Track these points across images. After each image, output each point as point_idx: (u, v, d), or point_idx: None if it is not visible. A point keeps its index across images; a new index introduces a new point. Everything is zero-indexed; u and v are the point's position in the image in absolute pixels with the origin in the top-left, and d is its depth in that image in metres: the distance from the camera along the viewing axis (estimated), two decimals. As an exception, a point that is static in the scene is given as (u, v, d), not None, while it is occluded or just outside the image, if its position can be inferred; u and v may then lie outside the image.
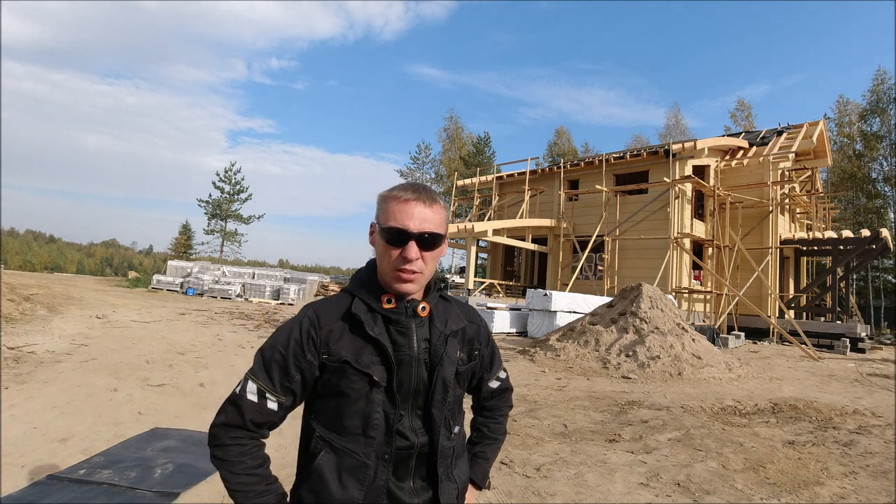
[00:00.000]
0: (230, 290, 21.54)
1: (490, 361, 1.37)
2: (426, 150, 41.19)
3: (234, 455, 1.08)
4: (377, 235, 1.15)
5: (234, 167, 38.24)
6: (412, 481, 1.15)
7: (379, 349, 1.12)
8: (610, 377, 7.98)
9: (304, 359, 1.11)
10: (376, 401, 1.11)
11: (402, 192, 1.13)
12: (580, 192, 19.34)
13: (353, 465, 1.10)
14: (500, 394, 1.43)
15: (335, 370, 1.11)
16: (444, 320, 1.21)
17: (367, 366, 1.10)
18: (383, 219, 1.13)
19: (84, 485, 3.07)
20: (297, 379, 1.12)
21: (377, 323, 1.13)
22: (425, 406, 1.16)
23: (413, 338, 1.16)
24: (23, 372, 5.77)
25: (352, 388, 1.10)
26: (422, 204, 1.12)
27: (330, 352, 1.11)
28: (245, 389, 1.11)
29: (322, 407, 1.15)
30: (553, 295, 12.52)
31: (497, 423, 1.43)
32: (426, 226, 1.11)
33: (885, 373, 10.19)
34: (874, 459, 4.28)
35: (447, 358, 1.18)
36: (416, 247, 1.10)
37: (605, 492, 3.38)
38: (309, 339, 1.11)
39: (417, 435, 1.15)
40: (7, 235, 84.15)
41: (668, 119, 45.74)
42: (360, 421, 1.10)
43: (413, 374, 1.14)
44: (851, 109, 32.27)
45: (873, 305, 27.13)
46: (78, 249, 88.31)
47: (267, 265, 39.50)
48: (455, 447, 1.23)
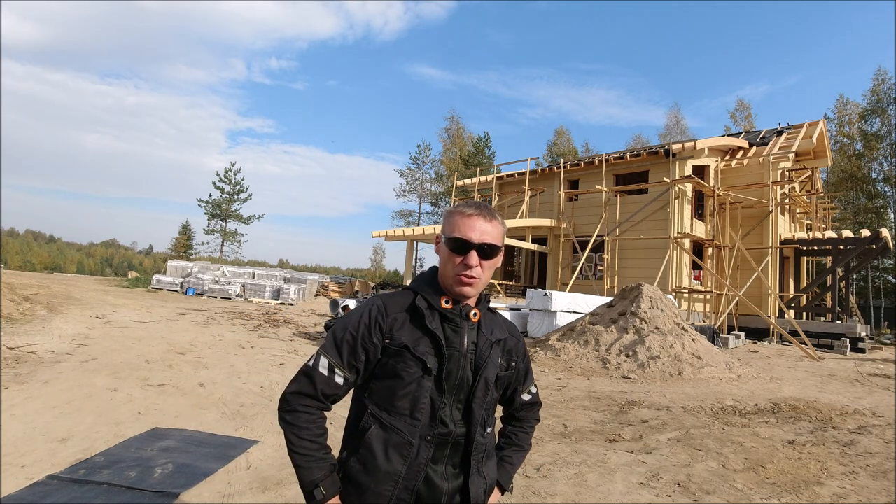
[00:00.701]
0: (230, 290, 21.53)
1: (525, 375, 1.50)
2: (426, 150, 41.21)
3: (303, 421, 1.22)
4: (443, 245, 1.30)
5: (234, 167, 38.27)
6: (445, 466, 1.27)
7: (434, 341, 1.26)
8: (610, 377, 7.98)
9: (371, 341, 1.25)
10: (426, 387, 1.24)
11: (466, 208, 1.30)
12: (580, 192, 19.34)
13: (399, 442, 1.22)
14: (530, 406, 1.54)
15: (395, 353, 1.25)
16: (491, 329, 1.36)
17: (423, 353, 1.24)
18: (449, 230, 1.29)
19: (84, 485, 3.07)
20: (363, 358, 1.26)
21: (435, 318, 1.28)
22: (467, 401, 1.29)
23: (464, 337, 1.30)
24: (23, 372, 5.77)
25: (407, 371, 1.24)
26: (483, 219, 1.28)
27: (393, 337, 1.25)
28: (318, 363, 1.26)
29: (377, 387, 1.27)
30: (553, 295, 12.52)
31: (525, 433, 1.53)
32: (486, 238, 1.26)
33: (885, 373, 10.19)
34: (874, 459, 4.28)
35: (490, 362, 1.32)
36: (477, 256, 1.25)
37: (605, 492, 3.38)
38: (376, 325, 1.26)
39: (456, 425, 1.27)
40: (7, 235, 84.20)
41: (668, 119, 45.80)
42: (409, 403, 1.24)
43: (460, 369, 1.28)
44: (851, 109, 32.29)
45: (873, 305, 27.13)
46: (78, 249, 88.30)
47: (267, 265, 39.48)
48: (487, 445, 1.35)
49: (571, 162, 22.14)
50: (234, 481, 3.26)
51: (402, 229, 19.79)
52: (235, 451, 3.79)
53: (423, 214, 41.23)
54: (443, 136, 43.34)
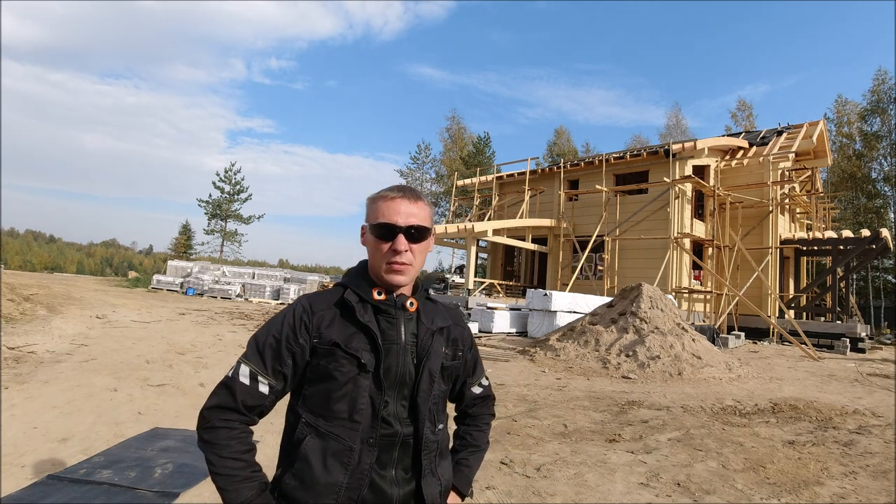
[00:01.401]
0: (230, 290, 21.53)
1: (473, 366, 1.41)
2: (426, 150, 41.22)
3: (223, 438, 1.10)
4: (368, 233, 1.22)
5: (234, 167, 38.31)
6: (394, 470, 1.17)
7: (368, 336, 1.17)
8: (610, 377, 7.98)
9: (297, 342, 1.16)
10: (363, 385, 1.14)
11: (388, 192, 1.23)
12: (580, 192, 19.34)
13: (339, 449, 1.12)
14: (482, 401, 1.45)
15: (325, 353, 1.15)
16: (431, 318, 1.27)
17: (356, 350, 1.15)
18: (373, 217, 1.21)
19: (84, 485, 3.07)
20: (289, 363, 1.16)
21: (367, 311, 1.19)
22: (411, 396, 1.20)
23: (401, 328, 1.21)
24: (23, 372, 5.77)
25: (340, 370, 1.14)
26: (407, 200, 1.20)
27: (321, 336, 1.16)
28: (238, 372, 1.15)
29: (310, 392, 1.18)
30: (553, 295, 12.52)
31: (480, 432, 1.44)
32: (412, 220, 1.19)
33: (885, 373, 10.19)
34: (874, 459, 4.28)
35: (433, 352, 1.23)
36: (405, 239, 1.18)
37: (605, 492, 3.38)
38: (301, 324, 1.17)
39: (402, 424, 1.18)
40: (7, 235, 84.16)
41: (668, 119, 45.81)
42: (347, 405, 1.14)
43: (400, 362, 1.19)
44: (850, 109, 32.29)
45: (873, 305, 27.13)
46: (78, 249, 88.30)
47: (267, 265, 39.52)
48: (439, 442, 1.25)
49: (571, 162, 22.15)
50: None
51: (402, 229, 19.76)
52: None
53: (423, 214, 41.15)
54: (443, 136, 43.47)
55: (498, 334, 12.76)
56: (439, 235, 18.65)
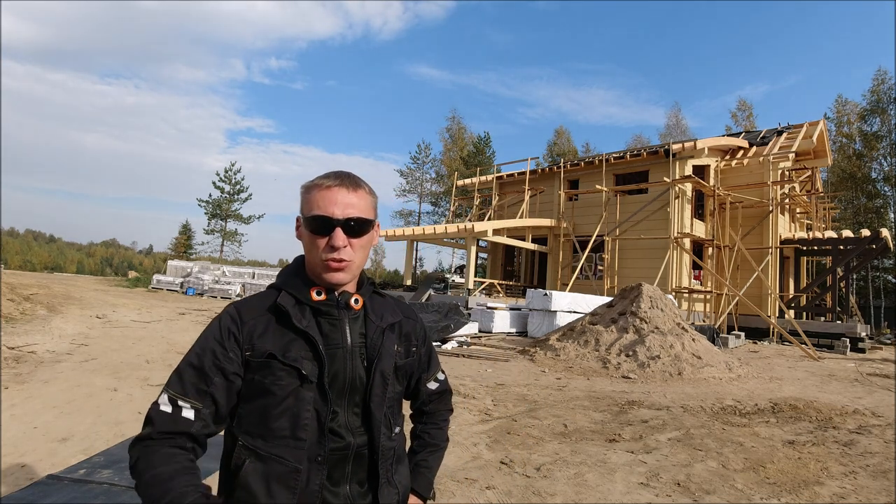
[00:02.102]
0: (230, 289, 21.54)
1: (427, 361, 1.31)
2: (426, 150, 41.23)
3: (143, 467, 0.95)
4: (303, 227, 1.10)
5: (234, 167, 38.33)
6: (349, 486, 1.07)
7: (308, 342, 1.05)
8: (610, 377, 7.98)
9: (226, 356, 1.02)
10: (306, 398, 1.03)
11: (324, 179, 1.09)
12: (580, 191, 19.34)
13: (283, 471, 1.00)
14: (439, 396, 1.35)
15: (260, 366, 1.03)
16: (380, 314, 1.16)
17: (295, 360, 1.03)
18: (307, 209, 1.08)
19: (84, 485, 3.07)
20: (217, 381, 1.02)
21: (305, 315, 1.07)
22: (364, 402, 1.10)
23: (346, 330, 1.10)
24: (23, 372, 5.77)
25: (278, 384, 1.02)
26: (345, 189, 1.08)
27: (254, 347, 1.04)
28: (158, 402, 1.02)
29: (245, 411, 1.05)
30: (553, 295, 12.52)
31: (438, 429, 1.35)
32: (351, 211, 1.06)
33: (885, 373, 10.19)
34: (874, 459, 4.28)
35: (385, 351, 1.13)
36: (343, 234, 1.05)
37: (605, 492, 3.38)
38: (230, 336, 1.04)
39: (354, 434, 1.08)
40: (7, 235, 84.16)
41: (668, 119, 45.80)
42: (289, 421, 1.02)
43: (348, 368, 1.08)
44: (850, 109, 32.31)
45: (873, 305, 27.14)
46: (78, 249, 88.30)
47: (267, 265, 39.45)
48: (395, 448, 1.15)
49: (571, 162, 22.16)
50: (234, 481, 3.26)
51: (402, 229, 19.80)
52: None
53: (423, 214, 41.30)
54: (443, 136, 43.45)
55: (498, 334, 12.77)
56: (439, 235, 18.64)
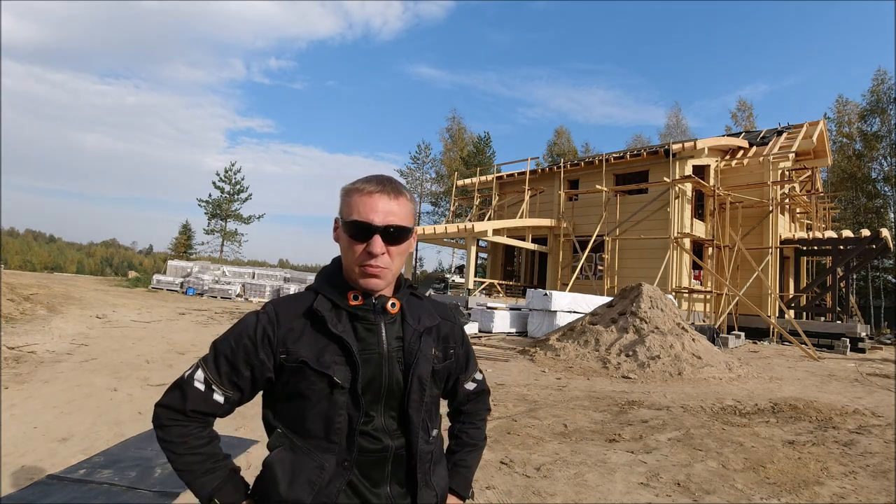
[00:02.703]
0: (230, 289, 21.54)
1: (465, 362, 1.31)
2: (426, 150, 41.24)
3: (176, 435, 1.05)
4: (341, 230, 1.10)
5: (234, 167, 38.33)
6: (389, 487, 1.09)
7: (343, 348, 1.06)
8: (610, 377, 7.98)
9: (256, 357, 1.06)
10: (339, 403, 1.05)
11: (365, 184, 1.09)
12: (580, 191, 19.34)
13: (309, 466, 1.04)
14: (476, 396, 1.36)
15: (293, 370, 1.05)
16: (417, 317, 1.16)
17: (328, 366, 1.04)
18: (346, 213, 1.08)
19: (84, 485, 3.07)
20: (247, 375, 1.07)
21: (341, 320, 1.08)
22: (401, 407, 1.11)
23: (382, 335, 1.10)
24: (23, 372, 5.77)
25: (312, 389, 1.05)
26: (386, 196, 1.07)
27: (288, 351, 1.06)
28: (193, 377, 1.08)
29: (282, 408, 1.10)
30: (553, 295, 12.52)
31: (476, 429, 1.35)
32: (391, 219, 1.06)
33: (885, 373, 10.19)
34: (874, 459, 4.28)
35: (422, 356, 1.13)
36: (381, 241, 1.05)
37: (605, 492, 3.38)
38: (264, 338, 1.06)
39: (392, 437, 1.09)
40: (7, 235, 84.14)
41: (668, 119, 45.83)
42: (322, 424, 1.05)
43: (384, 373, 1.09)
44: (851, 109, 32.31)
45: (873, 305, 27.14)
46: (78, 249, 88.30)
47: (267, 265, 39.48)
48: (433, 451, 1.17)
49: (571, 162, 22.16)
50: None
51: (402, 229, 19.76)
52: (235, 451, 3.79)
53: (423, 214, 41.27)
54: (444, 136, 43.45)
55: (498, 334, 12.77)
56: (439, 235, 18.65)
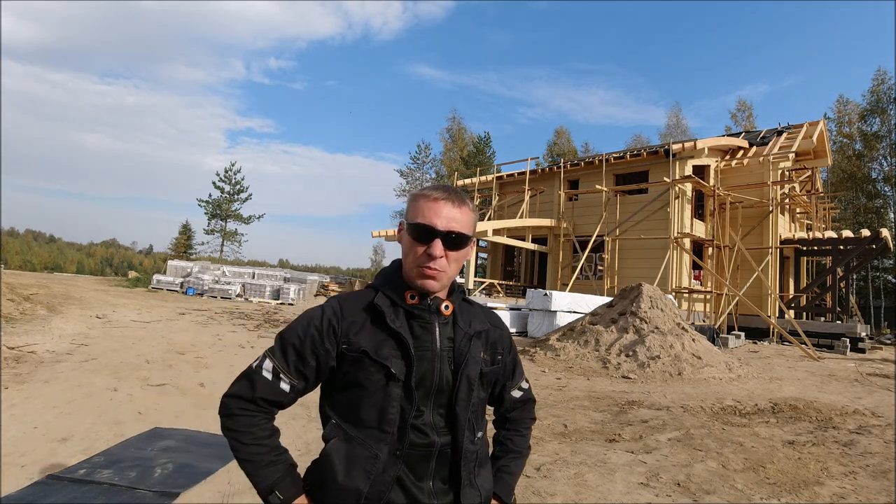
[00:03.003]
0: (230, 289, 21.53)
1: (512, 369, 1.36)
2: (426, 150, 41.23)
3: (244, 425, 1.11)
4: (405, 232, 1.17)
5: (234, 167, 38.30)
6: (431, 482, 1.13)
7: (399, 342, 1.13)
8: (610, 377, 7.98)
9: (322, 346, 1.13)
10: (393, 394, 1.11)
11: (432, 191, 1.17)
12: (580, 191, 19.34)
13: (364, 456, 1.10)
14: (522, 404, 1.40)
15: (353, 360, 1.12)
16: (468, 321, 1.22)
17: (386, 358, 1.11)
18: (411, 216, 1.15)
19: (84, 485, 3.07)
20: (312, 365, 1.14)
21: (399, 317, 1.15)
22: (449, 404, 1.16)
23: (436, 334, 1.16)
24: (23, 372, 5.77)
25: (370, 379, 1.11)
26: (450, 204, 1.14)
27: (350, 342, 1.13)
28: (262, 366, 1.14)
29: (340, 398, 1.16)
30: (553, 295, 12.53)
31: (521, 437, 1.39)
32: (453, 225, 1.13)
33: (885, 373, 10.19)
34: (874, 459, 4.28)
35: (471, 357, 1.18)
36: (441, 245, 1.12)
37: (605, 492, 3.38)
38: (330, 328, 1.13)
39: (438, 434, 1.14)
40: (7, 235, 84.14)
41: (668, 119, 45.82)
42: (377, 414, 1.11)
43: (436, 370, 1.14)
44: (851, 109, 32.31)
45: (873, 305, 27.14)
46: (78, 249, 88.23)
47: (267, 265, 39.43)
48: (478, 452, 1.21)
49: (571, 162, 22.15)
50: (234, 481, 3.26)
51: (402, 229, 19.77)
52: (235, 451, 3.78)
53: (423, 214, 41.20)
54: (444, 136, 43.45)
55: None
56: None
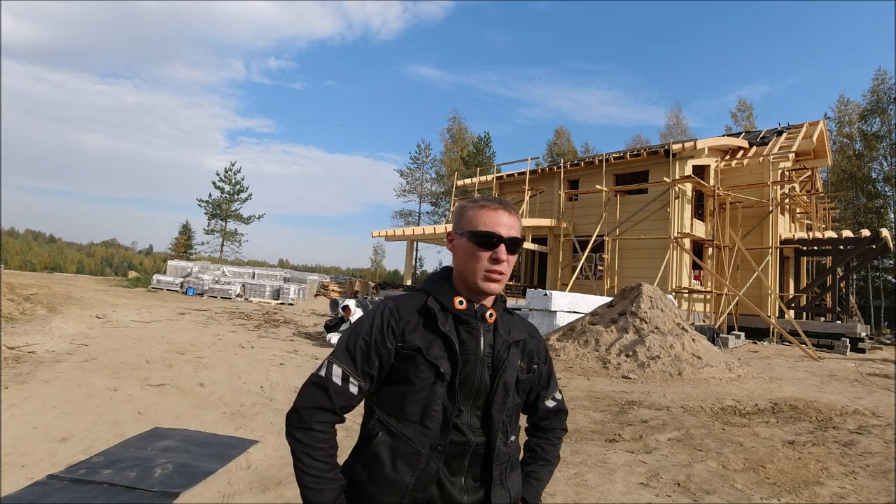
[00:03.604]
0: (230, 289, 21.53)
1: (547, 379, 1.42)
2: (426, 150, 41.23)
3: (319, 441, 1.15)
4: (465, 240, 1.23)
5: (234, 167, 38.29)
6: (464, 479, 1.20)
7: (447, 345, 1.19)
8: (610, 377, 7.98)
9: (384, 345, 1.19)
10: (438, 393, 1.17)
11: (488, 202, 1.26)
12: (580, 192, 19.34)
13: (408, 451, 1.16)
14: (555, 414, 1.45)
15: (406, 357, 1.19)
16: (508, 330, 1.29)
17: (436, 358, 1.18)
18: (472, 224, 1.23)
19: (84, 485, 3.07)
20: (376, 364, 1.20)
21: (448, 320, 1.22)
22: (485, 407, 1.22)
23: (480, 339, 1.23)
24: (23, 372, 5.77)
25: (419, 376, 1.18)
26: (507, 213, 1.24)
27: (405, 340, 1.19)
28: (331, 372, 1.19)
29: (387, 391, 1.22)
30: (553, 295, 12.52)
31: (552, 445, 1.44)
32: (513, 232, 1.23)
33: (885, 373, 10.19)
34: (874, 459, 4.28)
35: (509, 364, 1.25)
36: (506, 250, 1.21)
37: (605, 492, 3.38)
38: (389, 328, 1.20)
39: (474, 433, 1.20)
40: (7, 235, 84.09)
41: (668, 119, 45.83)
42: (420, 409, 1.17)
43: (477, 373, 1.21)
44: (851, 109, 32.30)
45: (873, 305, 27.14)
46: (78, 249, 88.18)
47: (267, 265, 39.42)
48: (510, 454, 1.27)
49: (571, 162, 22.15)
50: (234, 481, 3.26)
51: (402, 229, 19.83)
52: (235, 451, 3.79)
53: (423, 214, 41.30)
54: (444, 136, 43.43)
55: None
56: (439, 235, 18.67)
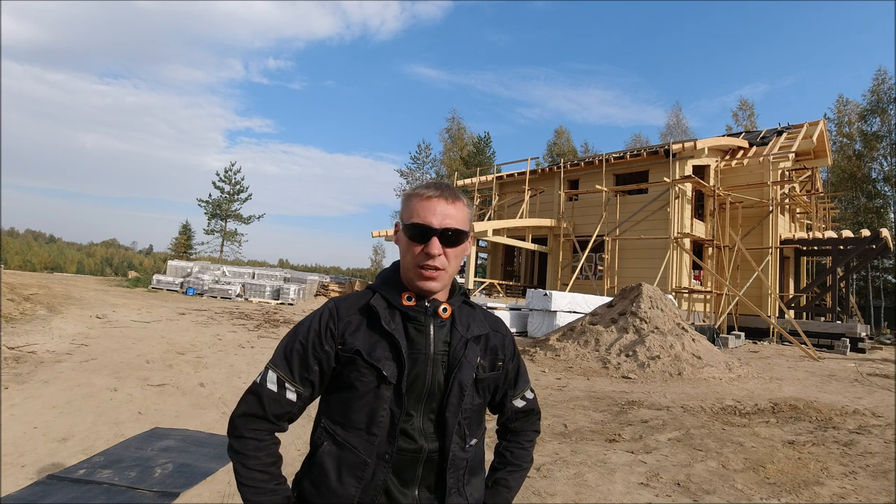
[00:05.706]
0: (230, 289, 21.53)
1: (515, 377, 1.31)
2: (426, 150, 41.23)
3: (251, 449, 1.10)
4: (401, 233, 1.15)
5: (233, 167, 38.29)
6: (417, 490, 1.11)
7: (392, 345, 1.11)
8: (610, 377, 7.98)
9: (322, 349, 1.12)
10: (384, 397, 1.09)
11: (425, 189, 1.15)
12: (580, 192, 19.34)
13: (353, 461, 1.08)
14: (525, 415, 1.34)
15: (347, 361, 1.11)
16: (467, 325, 1.19)
17: (378, 360, 1.09)
18: (406, 216, 1.14)
19: (84, 485, 3.07)
20: (316, 370, 1.12)
21: (394, 318, 1.13)
22: (439, 410, 1.13)
23: (430, 337, 1.14)
24: (23, 372, 5.77)
25: (361, 380, 1.10)
26: (444, 201, 1.12)
27: (345, 343, 1.11)
28: (265, 379, 1.12)
29: (332, 399, 1.15)
30: (553, 295, 12.52)
31: (522, 449, 1.33)
32: (448, 222, 1.11)
33: (885, 373, 10.19)
34: (874, 459, 4.28)
35: (466, 362, 1.15)
36: (439, 243, 1.10)
37: (605, 492, 3.38)
38: (327, 330, 1.12)
39: (427, 439, 1.11)
40: (7, 235, 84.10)
41: (669, 119, 45.84)
42: (366, 416, 1.09)
43: (428, 374, 1.12)
44: (851, 109, 32.29)
45: (873, 305, 27.13)
46: (78, 249, 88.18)
47: (267, 265, 39.48)
48: (469, 460, 1.17)
49: (571, 162, 22.14)
50: (233, 481, 3.26)
51: (402, 229, 19.77)
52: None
53: (423, 214, 41.22)
54: (444, 136, 43.47)
55: (498, 334, 12.74)
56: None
